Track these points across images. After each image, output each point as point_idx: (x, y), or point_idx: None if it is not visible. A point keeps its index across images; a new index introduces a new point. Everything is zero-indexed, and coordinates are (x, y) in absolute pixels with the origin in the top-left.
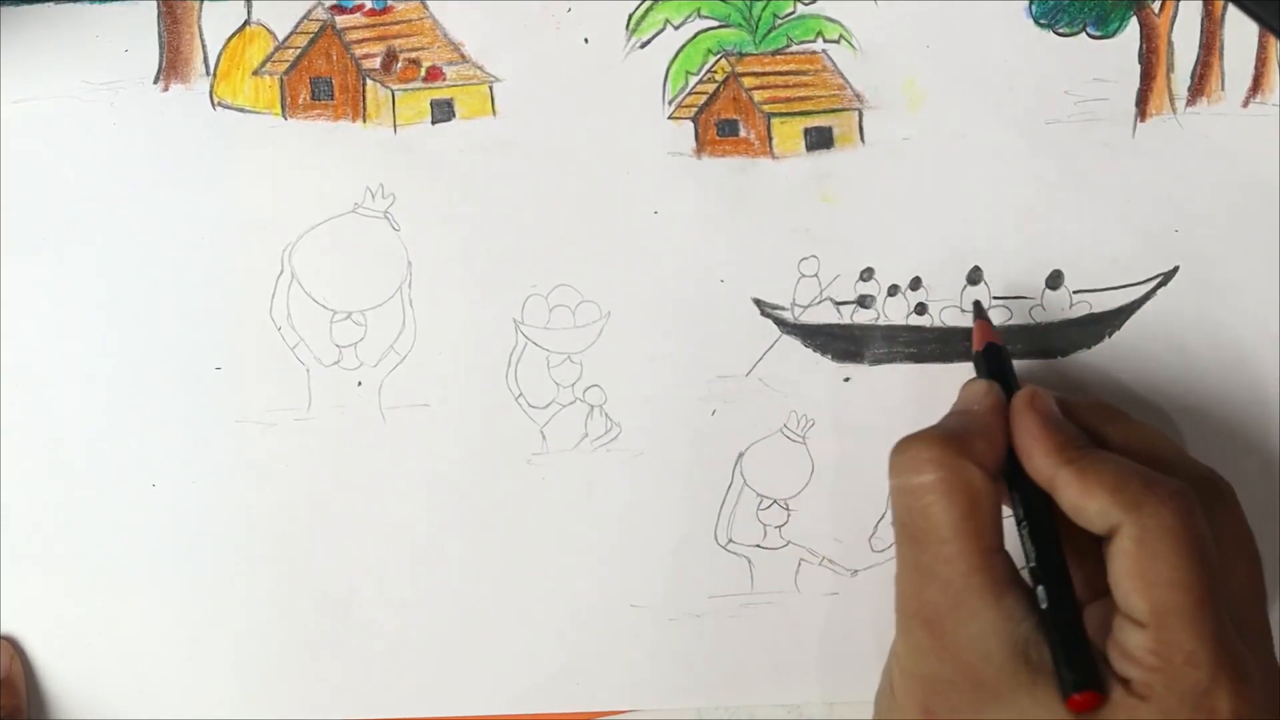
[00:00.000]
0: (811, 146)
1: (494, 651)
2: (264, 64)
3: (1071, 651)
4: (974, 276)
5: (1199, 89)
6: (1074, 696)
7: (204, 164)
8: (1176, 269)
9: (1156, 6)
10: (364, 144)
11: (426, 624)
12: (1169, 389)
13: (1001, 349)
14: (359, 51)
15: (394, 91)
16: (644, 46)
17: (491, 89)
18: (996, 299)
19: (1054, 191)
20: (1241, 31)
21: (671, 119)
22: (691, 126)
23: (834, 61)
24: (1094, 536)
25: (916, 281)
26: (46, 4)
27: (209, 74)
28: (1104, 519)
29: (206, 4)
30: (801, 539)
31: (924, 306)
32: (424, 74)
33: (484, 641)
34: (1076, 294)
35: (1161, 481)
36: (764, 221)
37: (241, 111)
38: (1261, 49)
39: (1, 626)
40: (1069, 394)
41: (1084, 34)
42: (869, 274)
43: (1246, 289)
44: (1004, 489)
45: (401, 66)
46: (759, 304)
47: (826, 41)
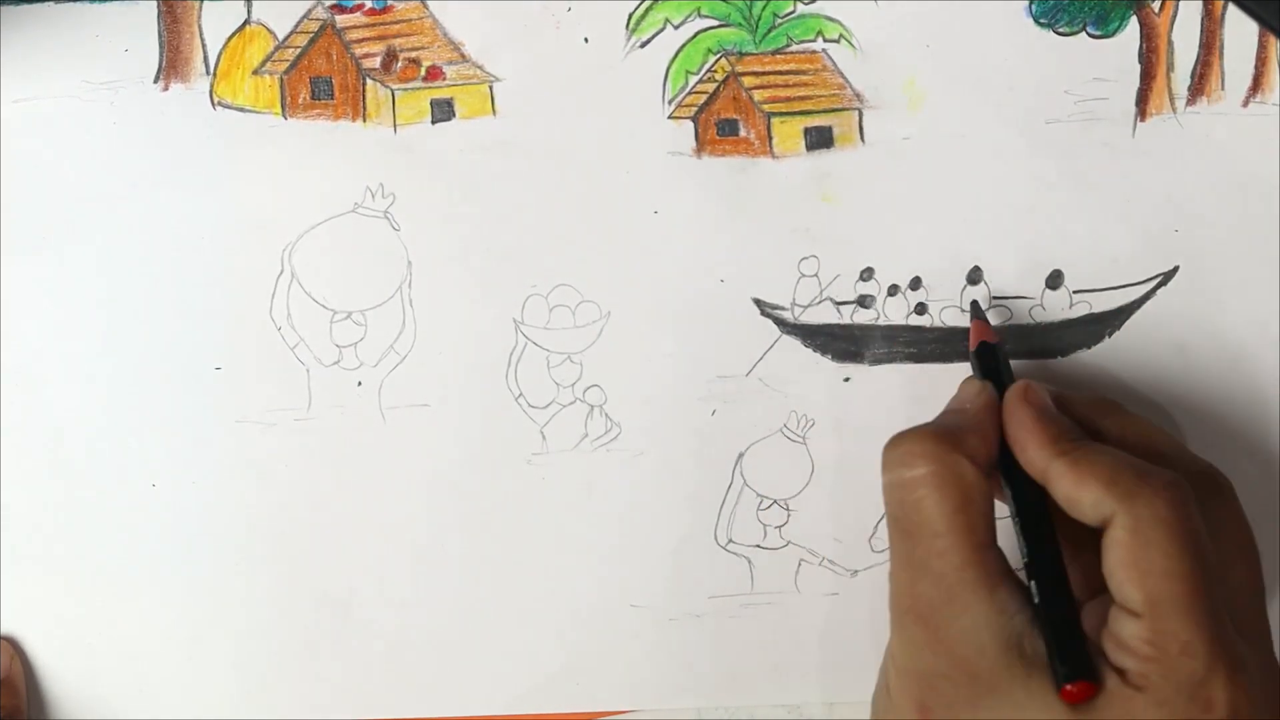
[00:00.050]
0: (811, 146)
1: (494, 651)
2: (264, 63)
3: (1065, 643)
4: (974, 276)
5: (1199, 88)
6: (1067, 687)
7: (204, 164)
8: (1176, 269)
9: (1156, 6)
10: (364, 144)
11: (426, 624)
12: (1169, 389)
13: (996, 348)
14: (359, 51)
15: (394, 91)
16: (644, 46)
17: (491, 89)
18: (996, 299)
19: (1054, 191)
20: (1241, 31)
21: (671, 119)
22: (691, 126)
23: (834, 61)
24: (1091, 533)
25: (916, 281)
26: (46, 4)
27: (209, 73)
28: (1098, 510)
29: (206, 3)
30: (801, 539)
31: (924, 306)
32: (424, 74)
33: (484, 641)
34: (1076, 294)
35: (1155, 472)
36: (764, 221)
37: (241, 111)
38: (1261, 49)
39: (1, 626)
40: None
41: (1084, 33)
42: (869, 274)
43: (1246, 289)
44: (997, 485)
45: (401, 66)
46: (759, 304)
47: (826, 41)
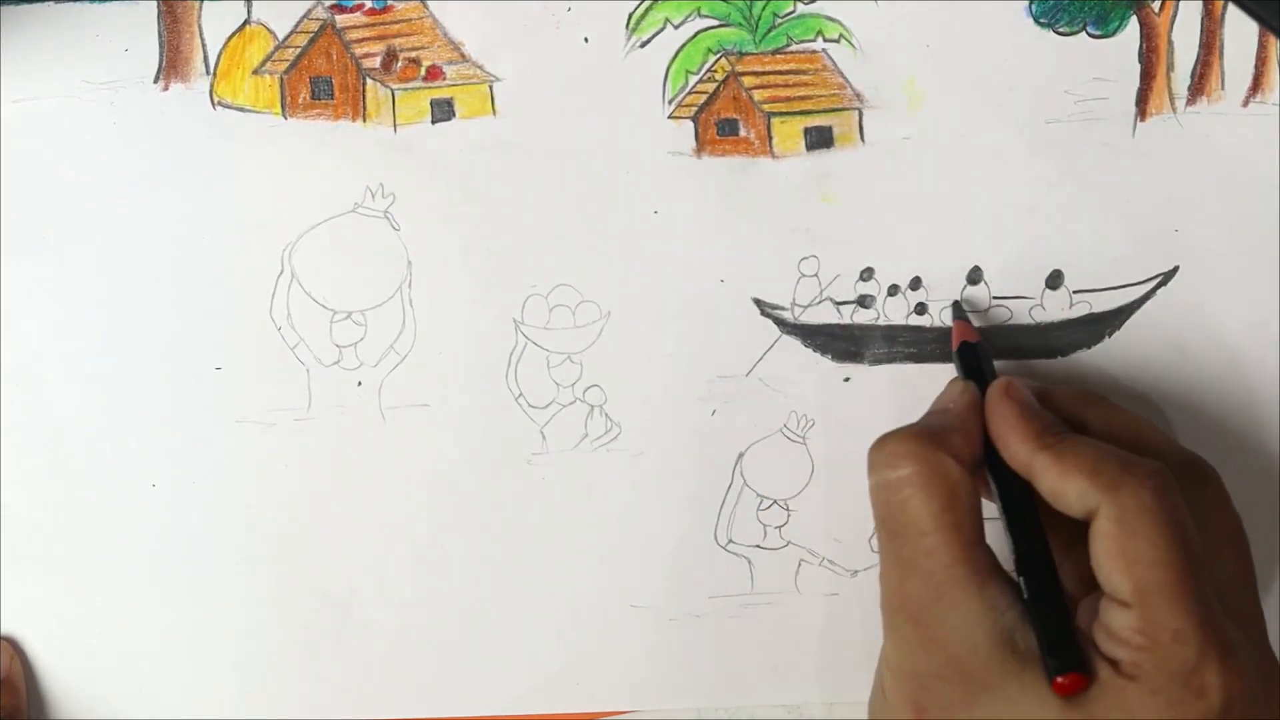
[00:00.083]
0: (811, 146)
1: (494, 651)
2: (264, 63)
3: (1055, 636)
4: (974, 276)
5: (1199, 88)
6: (1059, 679)
7: (204, 164)
8: (1176, 269)
9: (1156, 6)
10: (364, 143)
11: (426, 624)
12: (1169, 389)
13: (977, 346)
14: (359, 51)
15: (394, 91)
16: (644, 46)
17: (491, 89)
18: (996, 299)
19: (1054, 191)
20: (1241, 31)
21: (671, 118)
22: (691, 126)
23: (834, 61)
24: (1084, 529)
25: (916, 281)
26: (46, 4)
27: (209, 73)
28: (1083, 502)
29: (206, 3)
30: (801, 539)
31: (924, 306)
32: (424, 73)
33: (484, 641)
34: (1076, 294)
35: (1139, 462)
36: (764, 221)
37: (241, 111)
38: (1261, 48)
39: (1, 626)
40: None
41: (1084, 33)
42: (869, 274)
43: (1246, 289)
44: (984, 483)
45: (401, 66)
46: (759, 304)
47: (826, 41)
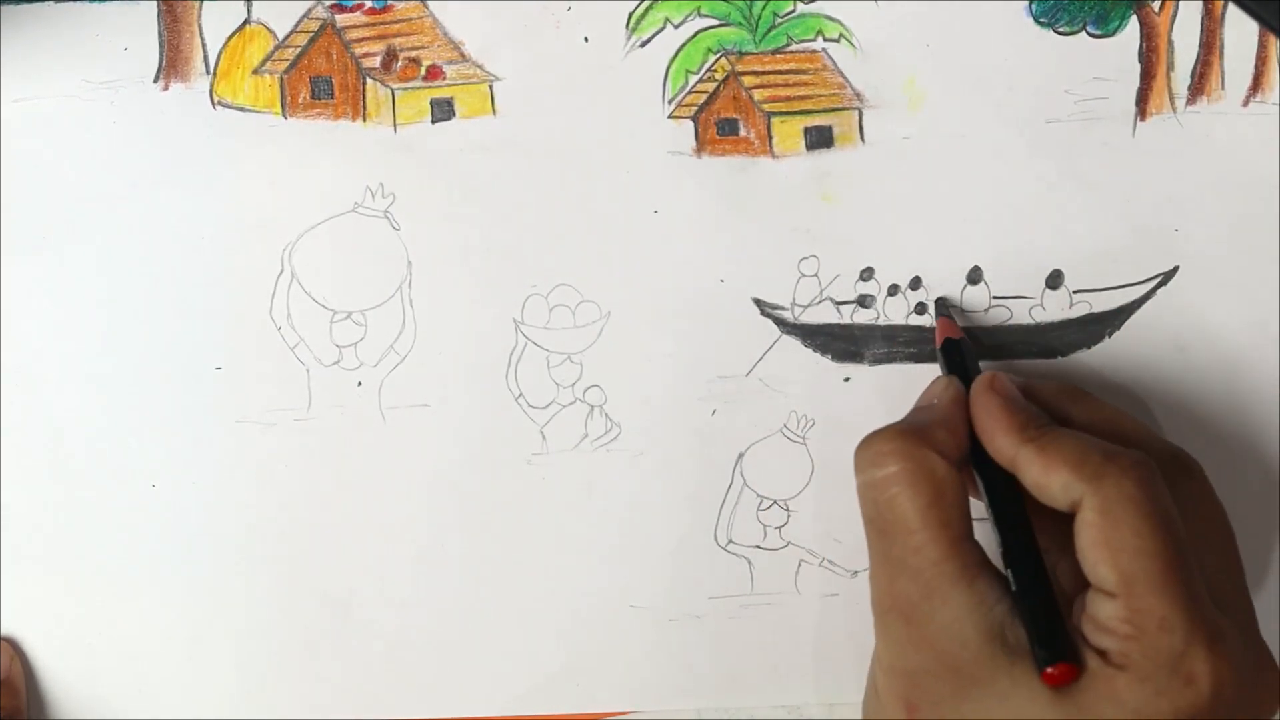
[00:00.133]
0: (811, 146)
1: (494, 651)
2: (264, 63)
3: (1044, 627)
4: (974, 276)
5: (1199, 88)
6: (1048, 670)
7: (204, 164)
8: (1176, 269)
9: (1156, 5)
10: (364, 143)
11: (426, 624)
12: (1169, 389)
13: (960, 343)
14: (359, 50)
15: (394, 90)
16: (644, 45)
17: (491, 88)
18: (996, 299)
19: (1054, 191)
20: (1241, 31)
21: (671, 118)
22: (691, 126)
23: (834, 61)
24: (1070, 522)
25: (916, 281)
26: (46, 3)
27: (209, 73)
28: (1067, 494)
29: (206, 3)
30: (801, 540)
31: (924, 306)
32: (424, 73)
33: (484, 641)
34: (1076, 294)
35: (1122, 453)
36: (764, 221)
37: (241, 111)
38: (1261, 48)
39: (1, 626)
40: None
41: (1084, 33)
42: (869, 274)
43: (1246, 289)
44: (971, 479)
45: (401, 65)
46: (759, 304)
47: (826, 40)
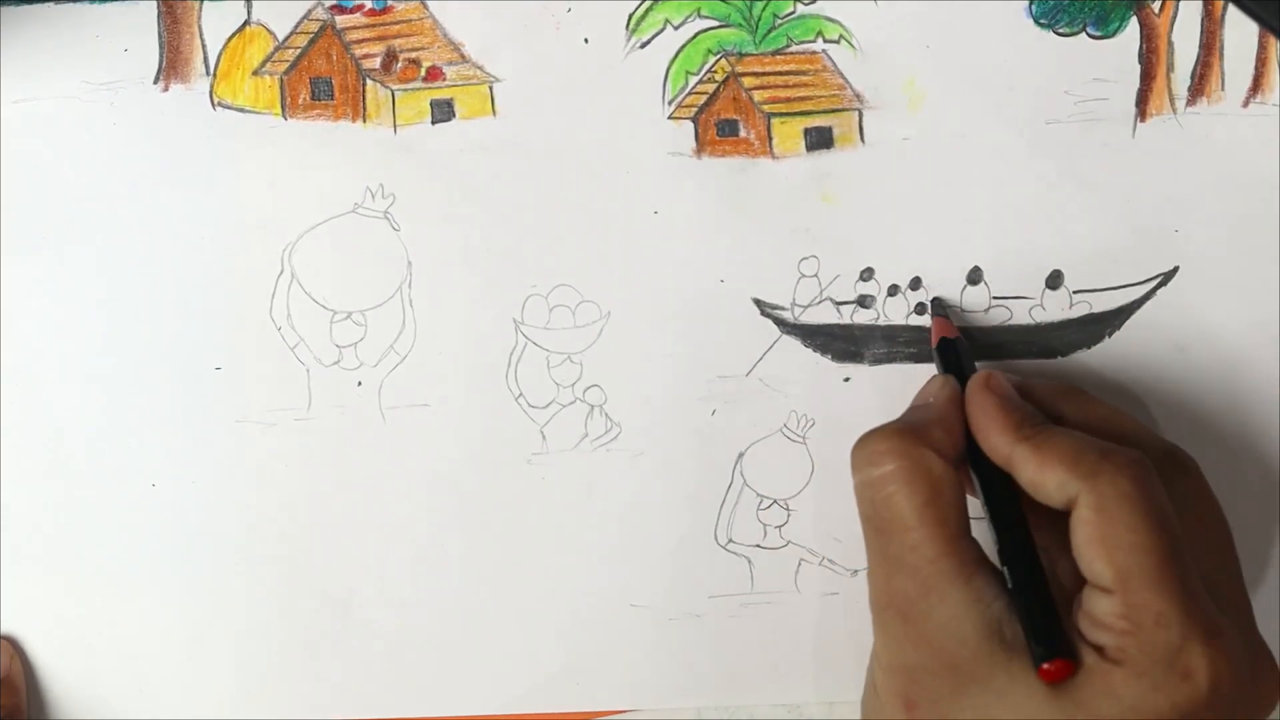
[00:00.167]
0: (811, 146)
1: (494, 651)
2: (264, 64)
3: (1040, 624)
4: (974, 276)
5: (1199, 89)
6: (1044, 666)
7: (204, 164)
8: (1176, 269)
9: (1156, 6)
10: (364, 144)
11: (426, 624)
12: (1169, 389)
13: (956, 342)
14: (359, 51)
15: (394, 91)
16: (644, 46)
17: (491, 89)
18: (996, 299)
19: (1054, 191)
20: (1241, 31)
21: (671, 119)
22: (691, 126)
23: (834, 61)
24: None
25: (916, 281)
26: (46, 4)
27: (209, 74)
28: (1062, 491)
29: (206, 4)
30: (801, 539)
31: (924, 307)
32: (424, 74)
33: (484, 641)
34: (1076, 294)
35: (1117, 450)
36: (764, 221)
37: (241, 111)
38: (1261, 49)
39: (1, 626)
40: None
41: (1084, 34)
42: (869, 274)
43: (1246, 289)
44: (967, 477)
45: (401, 66)
46: (759, 304)
47: (826, 41)
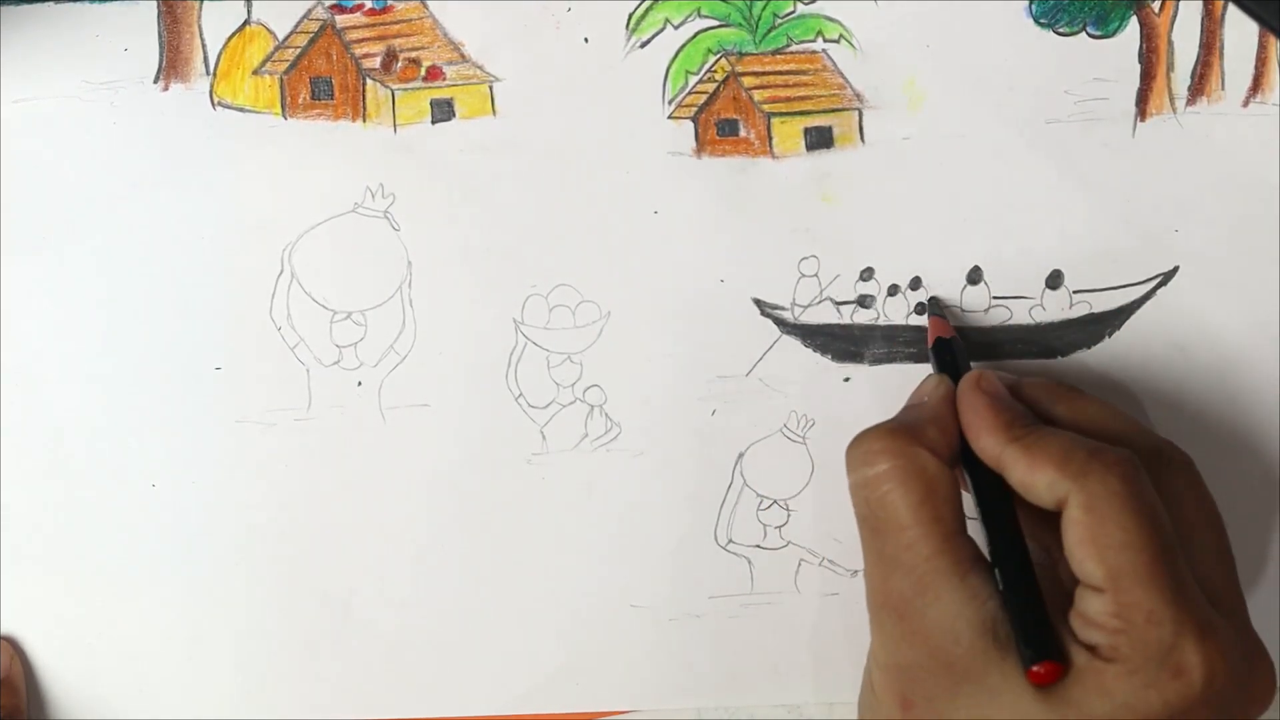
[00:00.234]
0: (811, 146)
1: (494, 651)
2: (264, 63)
3: (1030, 626)
4: (974, 276)
5: (1199, 89)
6: (1034, 669)
7: (204, 164)
8: (1176, 269)
9: (1156, 6)
10: (364, 144)
11: (426, 624)
12: (1169, 389)
13: (951, 342)
14: (359, 51)
15: (394, 91)
16: (644, 46)
17: (491, 89)
18: (996, 299)
19: (1054, 191)
20: (1241, 31)
21: (671, 119)
22: (691, 126)
23: (834, 61)
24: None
25: (916, 281)
26: (46, 4)
27: (209, 74)
28: (1052, 492)
29: (206, 3)
30: (801, 539)
31: (924, 307)
32: (424, 74)
33: (484, 641)
34: (1076, 294)
35: (1105, 449)
36: (764, 221)
37: (241, 111)
38: (1261, 49)
39: (1, 626)
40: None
41: (1084, 33)
42: (869, 274)
43: (1246, 289)
44: (962, 476)
45: (401, 66)
46: (759, 304)
47: (826, 41)
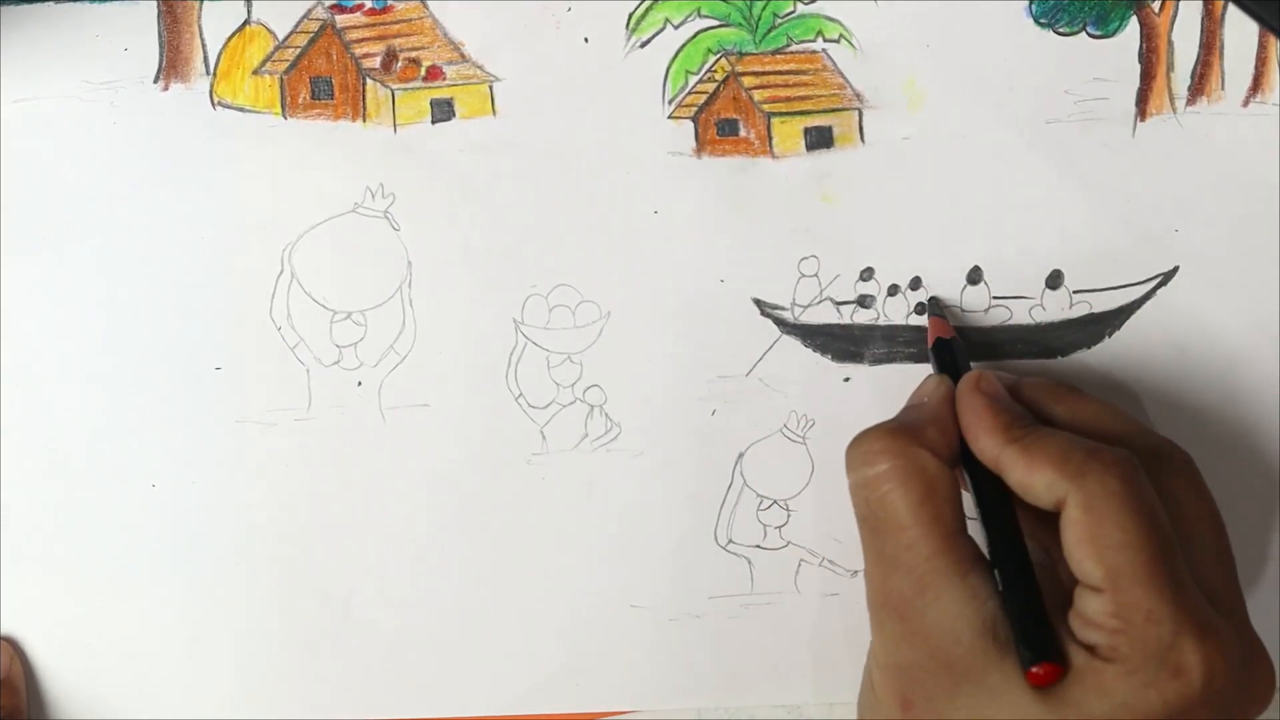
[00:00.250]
0: (811, 146)
1: (494, 651)
2: (264, 63)
3: (1029, 627)
4: (974, 276)
5: (1199, 88)
6: (1033, 670)
7: (204, 164)
8: (1176, 269)
9: (1156, 6)
10: (364, 144)
11: (426, 624)
12: (1169, 389)
13: (951, 342)
14: (359, 51)
15: (394, 91)
16: (644, 46)
17: (491, 89)
18: (996, 299)
19: (1054, 191)
20: (1241, 31)
21: (671, 119)
22: (691, 126)
23: (834, 61)
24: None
25: (916, 281)
26: (46, 4)
27: (209, 73)
28: (1051, 493)
29: (206, 3)
30: (801, 539)
31: (924, 307)
32: (424, 73)
33: (484, 641)
34: (1076, 294)
35: (1104, 449)
36: (764, 221)
37: (241, 111)
38: (1261, 49)
39: (1, 626)
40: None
41: (1084, 33)
42: (869, 274)
43: (1246, 289)
44: (962, 476)
45: (401, 66)
46: (759, 304)
47: (826, 41)
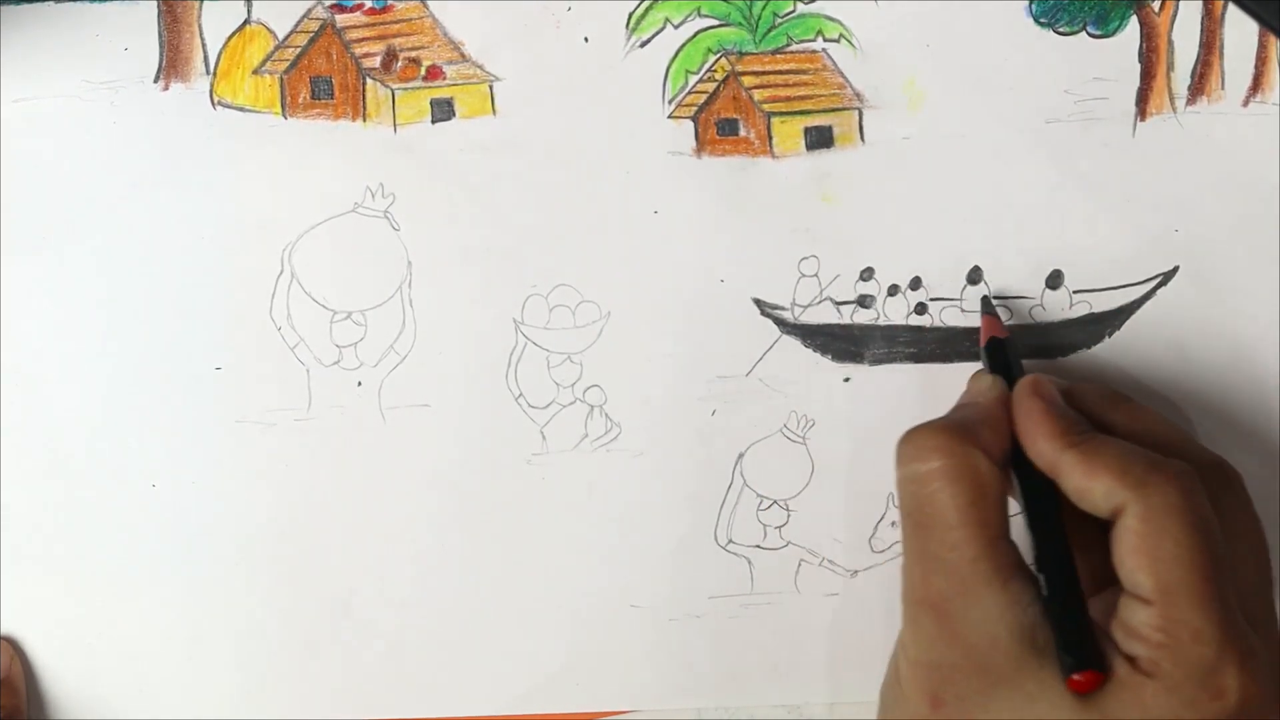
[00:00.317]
0: (811, 146)
1: (494, 651)
2: (264, 63)
3: (1072, 634)
4: (974, 276)
5: (1199, 88)
6: (1074, 677)
7: (204, 164)
8: (1176, 269)
9: (1156, 5)
10: (364, 143)
11: (426, 624)
12: (1169, 389)
13: (1005, 343)
14: (359, 50)
15: (394, 91)
16: (644, 46)
17: (491, 88)
18: (996, 299)
19: (1054, 191)
20: (1241, 31)
21: (671, 118)
22: (691, 126)
23: (834, 61)
24: (1099, 528)
25: (916, 281)
26: (46, 3)
27: (209, 73)
28: (1109, 500)
29: (206, 3)
30: (802, 539)
31: (924, 306)
32: (424, 73)
33: (484, 641)
34: (1076, 294)
35: (1166, 462)
36: (764, 221)
37: (241, 111)
38: (1261, 48)
39: (1, 626)
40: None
41: (1084, 33)
42: (869, 274)
43: (1246, 289)
44: (1011, 479)
45: (401, 65)
46: (759, 304)
47: (826, 40)
